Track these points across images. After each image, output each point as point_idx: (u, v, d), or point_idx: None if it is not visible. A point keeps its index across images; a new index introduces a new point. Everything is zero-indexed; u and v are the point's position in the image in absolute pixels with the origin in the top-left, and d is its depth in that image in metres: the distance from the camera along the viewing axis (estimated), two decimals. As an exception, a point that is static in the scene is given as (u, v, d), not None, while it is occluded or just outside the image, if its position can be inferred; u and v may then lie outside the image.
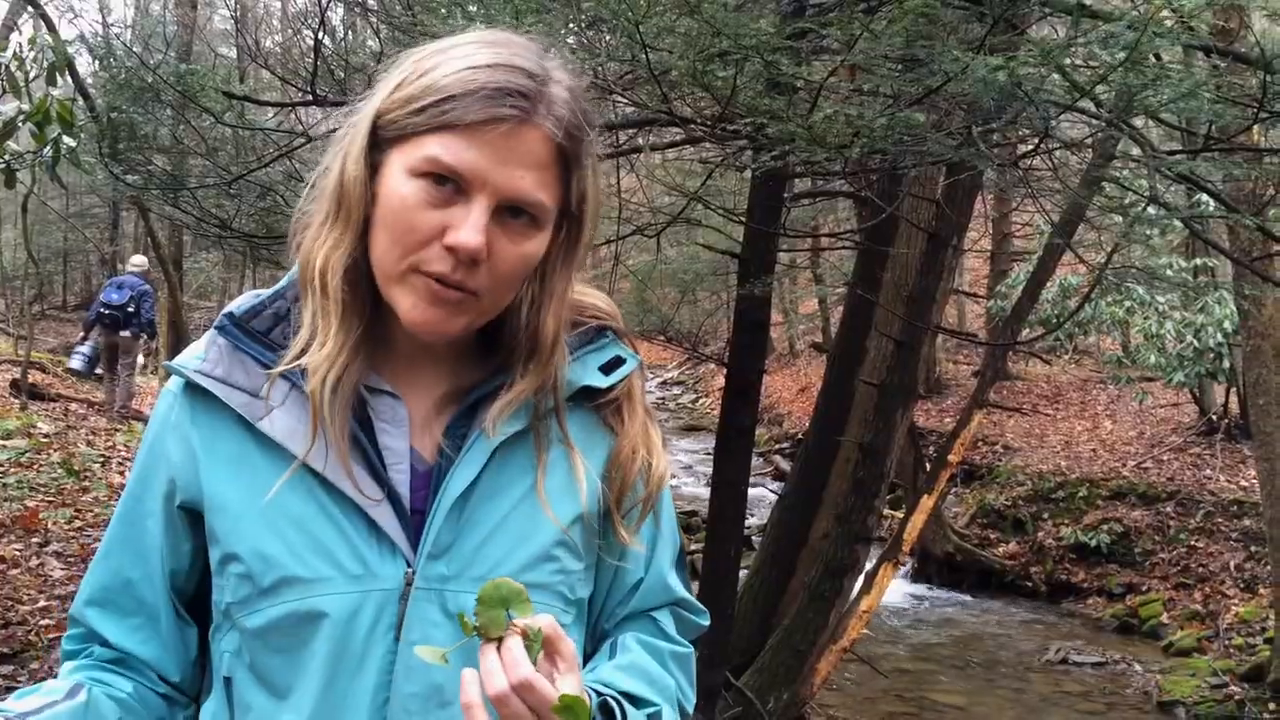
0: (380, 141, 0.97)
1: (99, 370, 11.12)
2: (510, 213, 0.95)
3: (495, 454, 1.01)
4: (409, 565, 0.97)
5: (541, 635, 0.85)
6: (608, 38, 3.26)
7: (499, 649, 0.84)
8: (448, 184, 0.93)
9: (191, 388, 1.02)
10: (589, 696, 0.92)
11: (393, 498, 0.99)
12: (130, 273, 11.05)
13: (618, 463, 1.07)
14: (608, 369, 1.08)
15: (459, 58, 0.95)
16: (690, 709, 1.12)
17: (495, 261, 0.95)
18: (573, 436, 1.05)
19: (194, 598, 1.06)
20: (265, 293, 1.07)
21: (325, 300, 0.98)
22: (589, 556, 1.07)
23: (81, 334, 11.17)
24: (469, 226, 0.92)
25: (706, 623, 1.19)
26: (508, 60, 0.95)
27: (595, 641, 1.12)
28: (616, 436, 1.08)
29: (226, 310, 1.05)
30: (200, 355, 1.03)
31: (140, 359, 12.13)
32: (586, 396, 1.07)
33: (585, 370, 1.07)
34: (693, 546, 8.45)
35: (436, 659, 0.87)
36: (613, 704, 0.98)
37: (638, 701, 1.03)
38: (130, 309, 10.54)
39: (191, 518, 1.03)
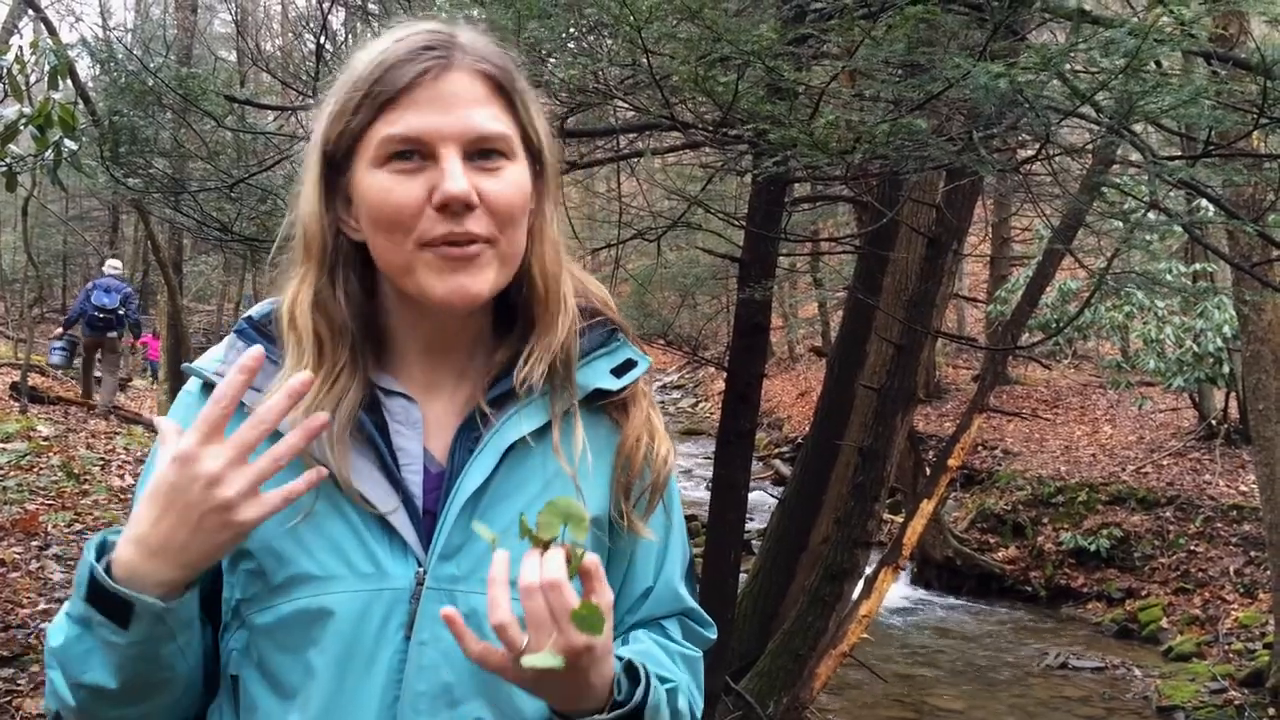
0: (338, 164, 1.00)
1: (77, 362, 11.59)
2: (480, 156, 0.98)
3: (507, 455, 1.02)
4: (420, 565, 0.98)
5: (582, 558, 0.87)
6: (609, 42, 3.27)
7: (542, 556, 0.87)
8: (412, 155, 0.96)
9: (210, 389, 1.03)
10: (613, 662, 0.94)
11: (406, 498, 1.00)
12: (109, 275, 11.37)
13: (624, 452, 1.09)
14: (619, 371, 1.10)
15: (369, 51, 1.00)
16: (699, 712, 1.12)
17: (489, 202, 0.97)
18: (583, 436, 1.06)
19: (209, 598, 1.06)
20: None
21: (295, 333, 1.01)
22: (601, 558, 1.07)
23: (60, 329, 11.57)
24: (448, 177, 0.95)
25: (714, 636, 1.19)
26: (411, 31, 1.00)
27: None
28: (622, 429, 1.10)
29: (245, 315, 1.08)
30: (219, 358, 1.05)
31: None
32: (596, 396, 1.09)
33: (596, 374, 1.08)
34: (693, 549, 8.43)
35: (489, 538, 0.89)
36: (638, 665, 1.00)
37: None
38: (121, 311, 11.00)
39: None
